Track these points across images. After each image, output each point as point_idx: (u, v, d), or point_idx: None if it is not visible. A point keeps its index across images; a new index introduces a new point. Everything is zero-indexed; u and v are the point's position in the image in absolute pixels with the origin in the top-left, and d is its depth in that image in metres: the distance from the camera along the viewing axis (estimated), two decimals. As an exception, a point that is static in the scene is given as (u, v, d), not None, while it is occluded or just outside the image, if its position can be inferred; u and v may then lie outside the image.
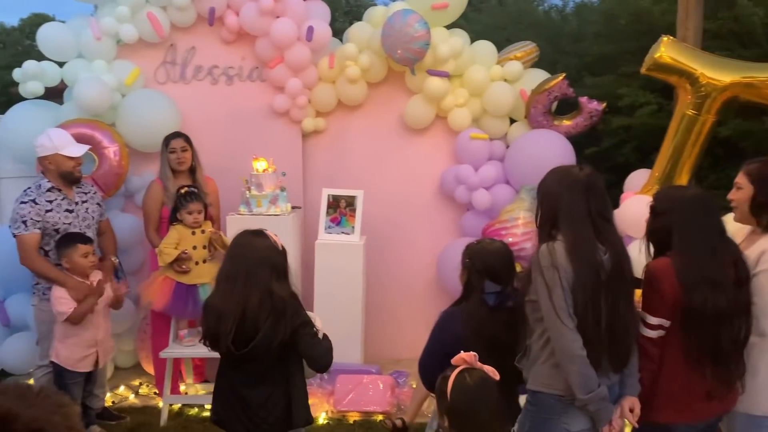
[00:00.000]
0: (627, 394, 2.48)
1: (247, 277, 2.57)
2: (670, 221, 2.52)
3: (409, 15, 4.47)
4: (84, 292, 3.60)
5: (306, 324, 2.64)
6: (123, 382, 4.67)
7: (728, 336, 2.47)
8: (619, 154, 5.17)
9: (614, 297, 2.36)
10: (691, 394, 2.52)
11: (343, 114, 5.06)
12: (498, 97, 4.80)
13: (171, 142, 4.31)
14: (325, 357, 2.67)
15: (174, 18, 4.76)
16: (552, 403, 2.41)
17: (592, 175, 2.44)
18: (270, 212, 4.37)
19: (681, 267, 2.44)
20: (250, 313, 2.53)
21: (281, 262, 2.65)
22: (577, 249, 2.33)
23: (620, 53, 5.33)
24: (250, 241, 2.67)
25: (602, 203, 2.42)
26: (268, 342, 2.55)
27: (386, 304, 5.10)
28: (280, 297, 2.57)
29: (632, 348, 2.45)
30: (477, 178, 4.78)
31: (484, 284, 2.66)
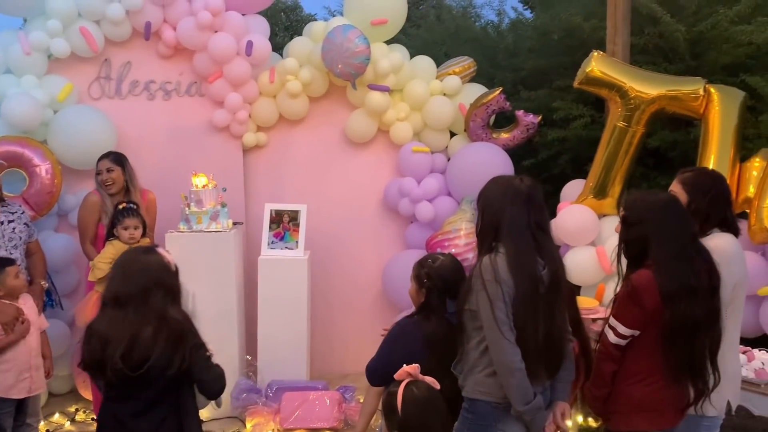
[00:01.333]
0: (558, 399, 2.54)
1: (140, 301, 2.42)
2: (644, 231, 2.49)
3: (349, 30, 4.51)
4: (12, 315, 3.43)
5: (200, 346, 2.52)
6: (58, 409, 4.47)
7: (705, 344, 2.47)
8: (555, 165, 5.31)
9: (551, 308, 2.42)
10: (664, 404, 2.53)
11: (284, 128, 5.04)
12: (438, 111, 4.88)
13: (98, 163, 4.17)
14: (218, 382, 2.55)
15: (108, 32, 4.65)
16: (489, 411, 2.45)
17: (532, 186, 2.48)
18: (211, 229, 4.30)
19: (662, 279, 2.42)
20: (142, 341, 2.38)
21: (175, 283, 2.53)
22: (518, 262, 2.37)
23: (554, 68, 5.49)
24: (141, 259, 2.51)
25: (542, 215, 2.47)
26: (163, 370, 2.41)
27: (332, 318, 5.08)
28: (176, 321, 2.45)
29: (565, 354, 2.51)
30: (420, 190, 4.83)
31: (446, 303, 2.67)
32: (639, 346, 2.53)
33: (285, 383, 4.32)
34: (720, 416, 2.70)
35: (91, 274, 3.89)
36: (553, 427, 2.53)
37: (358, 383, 4.46)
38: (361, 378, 4.55)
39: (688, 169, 2.84)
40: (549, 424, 2.51)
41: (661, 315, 2.42)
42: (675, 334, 2.42)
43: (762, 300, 3.65)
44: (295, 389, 4.26)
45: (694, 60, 4.86)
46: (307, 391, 4.25)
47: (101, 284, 3.90)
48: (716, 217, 2.68)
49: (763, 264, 3.62)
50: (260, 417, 4.16)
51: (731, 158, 3.83)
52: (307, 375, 4.54)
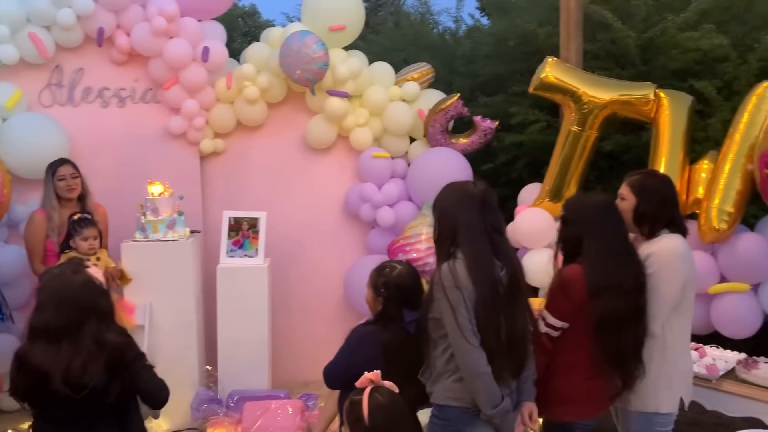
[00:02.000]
0: (524, 400, 2.58)
1: (74, 332, 2.35)
2: (579, 229, 2.66)
3: (307, 36, 4.50)
4: None
5: (140, 357, 2.50)
6: (9, 425, 4.32)
7: (631, 338, 2.62)
8: (513, 169, 5.39)
9: (512, 309, 2.46)
10: (590, 393, 2.67)
11: (242, 135, 4.99)
12: (397, 116, 4.90)
13: (59, 169, 4.09)
14: (162, 392, 2.53)
15: (59, 38, 4.54)
16: (459, 416, 2.48)
17: (486, 191, 2.53)
18: (167, 238, 4.23)
19: (590, 273, 2.58)
20: (78, 370, 2.33)
21: (107, 304, 2.48)
22: (477, 267, 2.40)
23: (510, 74, 5.57)
24: (71, 283, 2.43)
25: (497, 218, 2.52)
26: (103, 394, 2.37)
27: (294, 326, 5.04)
28: (112, 345, 2.40)
29: (529, 353, 2.55)
30: (381, 195, 4.84)
31: (403, 313, 2.68)
32: (567, 340, 2.66)
33: (246, 393, 4.26)
34: (673, 413, 2.79)
35: None
36: (522, 428, 2.57)
37: (320, 391, 4.42)
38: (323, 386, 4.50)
39: (636, 172, 2.94)
40: (517, 425, 2.55)
41: (587, 308, 2.57)
42: (601, 327, 2.58)
43: (712, 298, 3.76)
44: (257, 399, 4.20)
45: (645, 65, 4.99)
46: (269, 400, 4.19)
47: None
48: (664, 219, 2.78)
49: (713, 263, 3.74)
50: (221, 428, 4.09)
51: (681, 161, 3.94)
52: (268, 384, 4.50)
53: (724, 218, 3.59)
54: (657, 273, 2.70)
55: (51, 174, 4.08)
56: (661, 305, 2.70)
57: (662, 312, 2.70)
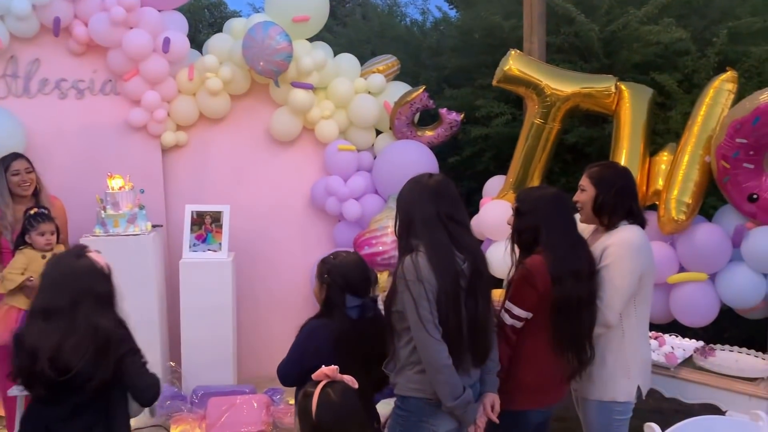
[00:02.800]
0: (487, 391, 2.60)
1: (69, 312, 2.37)
2: (536, 220, 2.71)
3: (270, 27, 4.44)
4: None
5: (134, 352, 2.49)
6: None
7: (586, 321, 2.71)
8: (479, 161, 5.41)
9: (474, 299, 2.47)
10: (548, 380, 2.72)
11: (205, 127, 4.91)
12: (363, 109, 4.87)
13: (12, 164, 3.97)
14: (152, 389, 2.51)
15: (13, 28, 4.41)
16: (421, 407, 2.49)
17: (440, 181, 2.55)
18: (128, 232, 4.16)
19: (551, 262, 2.63)
20: (67, 350, 2.33)
21: (106, 289, 2.48)
22: (436, 257, 2.40)
23: (476, 66, 5.59)
24: (72, 265, 2.45)
25: (453, 207, 2.51)
26: (87, 378, 2.36)
27: (260, 320, 5.00)
28: (104, 330, 2.40)
29: (492, 343, 2.57)
30: (347, 189, 4.81)
31: (345, 299, 2.67)
32: (528, 330, 2.71)
33: (211, 389, 4.23)
34: (631, 401, 2.85)
35: (1, 286, 3.69)
36: (484, 419, 2.59)
37: (286, 385, 4.41)
38: (289, 380, 4.52)
39: (595, 164, 3.00)
40: (480, 416, 2.57)
41: (550, 296, 2.64)
42: (562, 312, 2.65)
43: (671, 287, 3.82)
44: (222, 394, 4.17)
45: (607, 58, 5.05)
46: (234, 395, 4.16)
47: (12, 296, 3.71)
48: (622, 209, 2.84)
49: (672, 253, 3.80)
50: (186, 424, 4.05)
51: (641, 152, 3.99)
52: (234, 379, 4.46)
53: (683, 209, 3.64)
54: (613, 264, 2.74)
55: (3, 169, 3.95)
56: (617, 296, 2.74)
57: (618, 302, 2.75)
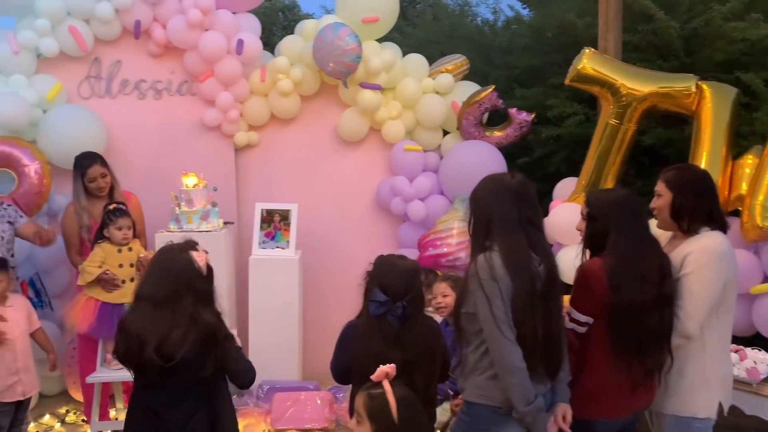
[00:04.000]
0: (559, 401, 2.49)
1: (170, 304, 2.50)
2: (607, 225, 2.61)
3: (340, 28, 4.48)
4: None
5: (230, 338, 2.61)
6: (48, 410, 4.45)
7: (651, 328, 2.56)
8: (550, 163, 5.28)
9: (548, 305, 2.38)
10: (614, 389, 2.60)
11: (276, 127, 5.01)
12: (430, 109, 4.85)
13: (89, 171, 4.05)
14: (249, 372, 2.62)
15: (98, 31, 4.63)
16: (488, 415, 2.39)
17: (523, 182, 2.45)
18: (201, 228, 4.28)
19: (611, 265, 2.53)
20: (172, 341, 2.46)
21: (205, 287, 2.59)
22: (512, 259, 2.33)
23: (548, 65, 5.46)
24: (175, 260, 2.58)
25: (533, 211, 2.42)
26: (195, 368, 2.49)
27: (323, 318, 5.04)
28: (206, 323, 2.51)
29: (564, 353, 2.47)
30: (412, 189, 4.80)
31: (374, 292, 2.63)
32: (592, 335, 2.60)
33: (276, 383, 4.30)
34: (711, 418, 2.69)
35: (81, 278, 3.86)
36: (555, 429, 2.46)
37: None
38: (352, 378, 4.55)
39: (671, 167, 2.86)
40: (550, 426, 2.44)
41: (608, 301, 2.52)
42: (621, 317, 2.53)
43: (754, 298, 3.62)
44: (287, 389, 4.24)
45: (688, 57, 4.83)
46: (299, 391, 4.22)
47: (90, 288, 3.87)
48: (702, 213, 2.70)
49: (755, 262, 3.59)
50: (251, 418, 4.13)
51: (723, 155, 3.80)
52: (298, 375, 4.52)
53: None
54: (695, 272, 2.60)
55: (81, 174, 4.07)
56: (698, 305, 2.60)
57: (699, 312, 2.60)
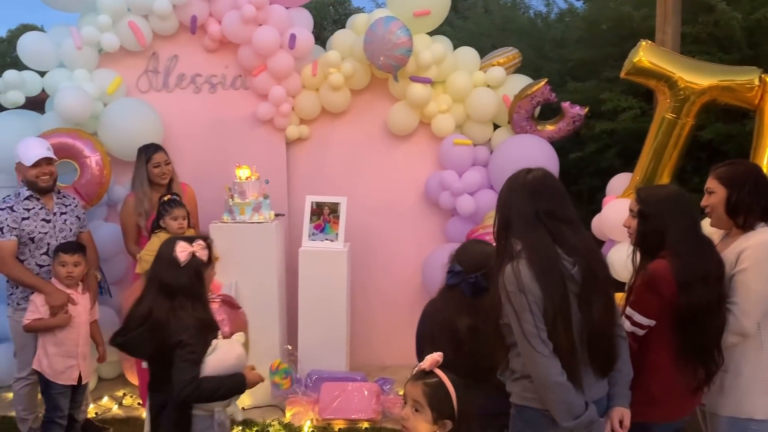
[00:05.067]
0: (616, 404, 2.38)
1: (146, 287, 2.74)
2: (661, 222, 2.54)
3: (391, 22, 4.49)
4: (61, 301, 3.58)
5: (183, 345, 2.55)
6: (107, 392, 4.63)
7: (715, 329, 2.53)
8: (603, 158, 5.18)
9: (589, 305, 2.26)
10: (677, 392, 2.55)
11: (326, 121, 5.06)
12: (481, 102, 4.81)
13: (154, 156, 4.27)
14: (185, 388, 2.52)
15: (156, 26, 4.76)
16: (538, 418, 2.29)
17: (538, 176, 2.35)
18: (253, 220, 4.36)
19: (679, 267, 2.47)
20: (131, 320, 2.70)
21: (175, 280, 2.64)
22: (538, 262, 2.21)
23: (602, 58, 5.35)
24: (161, 248, 2.76)
25: (554, 204, 2.30)
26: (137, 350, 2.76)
27: (371, 310, 5.09)
28: (154, 317, 2.62)
29: (617, 350, 2.35)
30: (461, 183, 4.78)
31: (451, 265, 2.68)
32: (652, 337, 2.54)
33: (324, 373, 4.36)
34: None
35: (138, 266, 4.00)
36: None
37: (396, 376, 4.46)
38: (399, 370, 4.58)
39: (720, 164, 2.79)
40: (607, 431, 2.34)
41: (675, 303, 2.46)
42: (689, 320, 2.47)
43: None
44: (334, 380, 4.29)
45: (751, 49, 4.65)
46: (346, 382, 4.28)
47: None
48: (759, 207, 2.65)
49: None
50: (300, 406, 4.21)
51: (788, 152, 3.65)
52: (346, 366, 4.57)
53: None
54: (751, 268, 2.53)
55: (145, 160, 4.27)
56: (755, 302, 2.53)
57: (756, 309, 2.54)
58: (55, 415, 3.63)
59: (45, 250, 3.73)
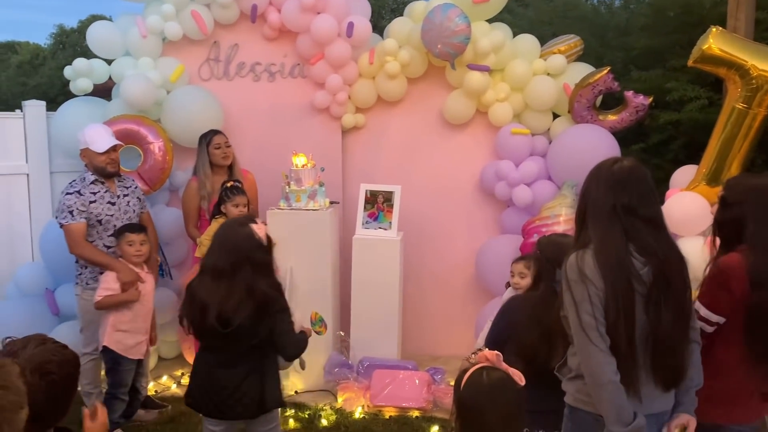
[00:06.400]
0: (682, 411, 2.25)
1: (230, 275, 2.69)
2: (743, 212, 2.39)
3: (450, 9, 4.44)
4: (131, 277, 3.72)
5: (284, 310, 2.77)
6: (166, 372, 4.78)
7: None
8: (667, 150, 5.00)
9: (657, 311, 2.12)
10: (747, 393, 2.43)
11: (382, 109, 5.06)
12: (540, 91, 4.72)
13: (214, 138, 4.39)
14: (294, 347, 2.83)
15: (217, 15, 4.85)
16: (590, 423, 2.20)
17: (628, 168, 2.19)
18: (308, 207, 4.41)
19: (753, 262, 2.32)
20: (230, 308, 2.67)
21: (263, 258, 2.76)
22: (604, 255, 2.11)
23: (669, 46, 5.16)
24: (236, 234, 2.77)
25: (638, 200, 2.14)
26: (249, 335, 2.71)
27: (424, 300, 5.08)
28: (262, 293, 2.70)
29: (685, 363, 2.20)
30: (518, 173, 4.70)
31: (555, 273, 2.51)
32: (722, 336, 2.41)
33: (376, 361, 4.38)
34: None
35: (198, 250, 4.11)
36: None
37: (448, 366, 4.45)
38: (451, 361, 4.56)
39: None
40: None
41: (747, 301, 2.32)
42: (761, 319, 2.32)
43: None
44: (386, 367, 4.31)
45: (833, 36, 4.40)
46: (397, 369, 4.29)
47: None
48: None
49: None
50: (351, 392, 4.25)
51: None
52: (397, 354, 4.58)
53: None
54: None
55: (206, 143, 4.38)
56: None
57: None
58: (119, 392, 3.78)
59: (111, 231, 3.86)
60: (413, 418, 4.09)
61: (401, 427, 4.00)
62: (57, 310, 4.47)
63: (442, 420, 3.99)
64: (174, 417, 4.12)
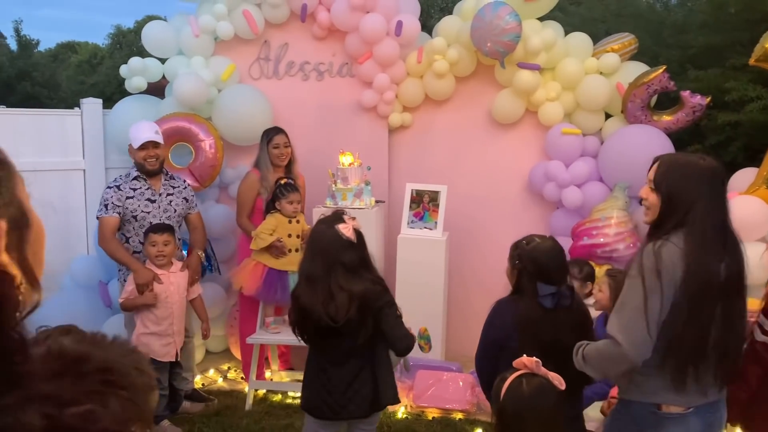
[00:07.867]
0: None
1: (324, 278, 2.68)
2: None
3: (500, 7, 4.37)
4: (145, 279, 3.69)
5: (390, 304, 2.73)
6: (213, 365, 4.86)
7: None
8: (725, 152, 4.83)
9: (728, 309, 2.11)
10: None
11: (429, 109, 5.03)
12: (592, 90, 4.61)
13: (275, 137, 4.40)
14: (406, 339, 2.74)
15: (268, 15, 4.90)
16: (644, 416, 2.19)
17: (712, 166, 2.18)
18: (354, 205, 4.41)
19: None
20: (332, 310, 2.65)
21: (354, 257, 2.71)
22: (695, 254, 2.07)
23: (729, 44, 4.97)
24: (323, 237, 2.74)
25: (716, 197, 2.16)
26: (356, 332, 2.68)
27: (469, 301, 5.02)
28: (359, 292, 2.66)
29: (740, 364, 2.22)
30: (568, 174, 4.61)
31: (537, 287, 2.53)
32: None
33: (420, 361, 4.36)
34: None
35: (254, 243, 4.14)
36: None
37: (492, 369, 4.39)
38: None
39: None
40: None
41: None
42: None
43: None
44: (430, 368, 4.28)
45: None
46: (441, 371, 4.26)
47: (260, 253, 4.15)
48: None
49: None
50: (394, 392, 4.23)
51: None
52: (442, 355, 4.55)
53: None
54: None
55: (267, 141, 4.41)
56: None
57: None
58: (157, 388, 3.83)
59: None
60: (456, 420, 4.05)
61: (444, 428, 3.97)
62: (110, 302, 4.59)
63: (486, 423, 3.94)
64: (219, 410, 4.19)
